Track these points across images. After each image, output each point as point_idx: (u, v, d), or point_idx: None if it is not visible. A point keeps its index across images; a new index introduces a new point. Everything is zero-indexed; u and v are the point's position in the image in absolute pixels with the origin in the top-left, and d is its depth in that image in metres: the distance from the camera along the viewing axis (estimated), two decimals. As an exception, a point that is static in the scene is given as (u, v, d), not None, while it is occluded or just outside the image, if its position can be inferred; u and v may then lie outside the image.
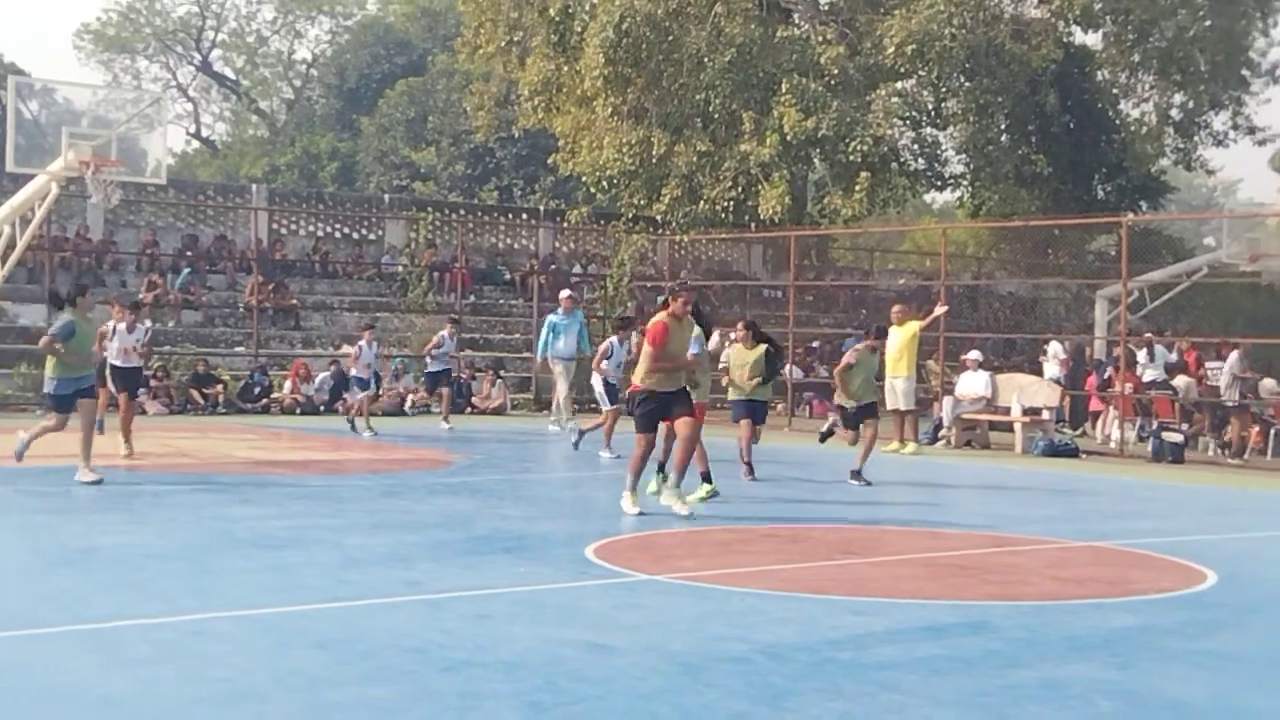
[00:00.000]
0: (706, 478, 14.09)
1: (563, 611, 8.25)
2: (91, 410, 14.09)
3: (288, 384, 26.91)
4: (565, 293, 24.17)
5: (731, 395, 15.84)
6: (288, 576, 9.24)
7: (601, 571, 9.57)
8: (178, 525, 11.45)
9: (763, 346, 15.50)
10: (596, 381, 19.19)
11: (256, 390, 26.52)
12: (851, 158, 31.32)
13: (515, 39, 35.77)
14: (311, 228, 34.37)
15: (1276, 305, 36.22)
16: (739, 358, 15.59)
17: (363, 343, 22.07)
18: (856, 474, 15.60)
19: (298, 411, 26.06)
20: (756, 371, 15.45)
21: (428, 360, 23.81)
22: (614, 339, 19.33)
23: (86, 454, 13.83)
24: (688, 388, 12.66)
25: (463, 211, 37.82)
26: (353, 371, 22.08)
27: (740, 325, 15.94)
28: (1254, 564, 10.98)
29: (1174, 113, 39.87)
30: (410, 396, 27.25)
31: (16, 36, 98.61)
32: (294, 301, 30.93)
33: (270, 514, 12.09)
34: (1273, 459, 21.54)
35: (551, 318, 23.03)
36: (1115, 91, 39.20)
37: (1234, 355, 22.88)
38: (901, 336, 20.86)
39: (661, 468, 13.34)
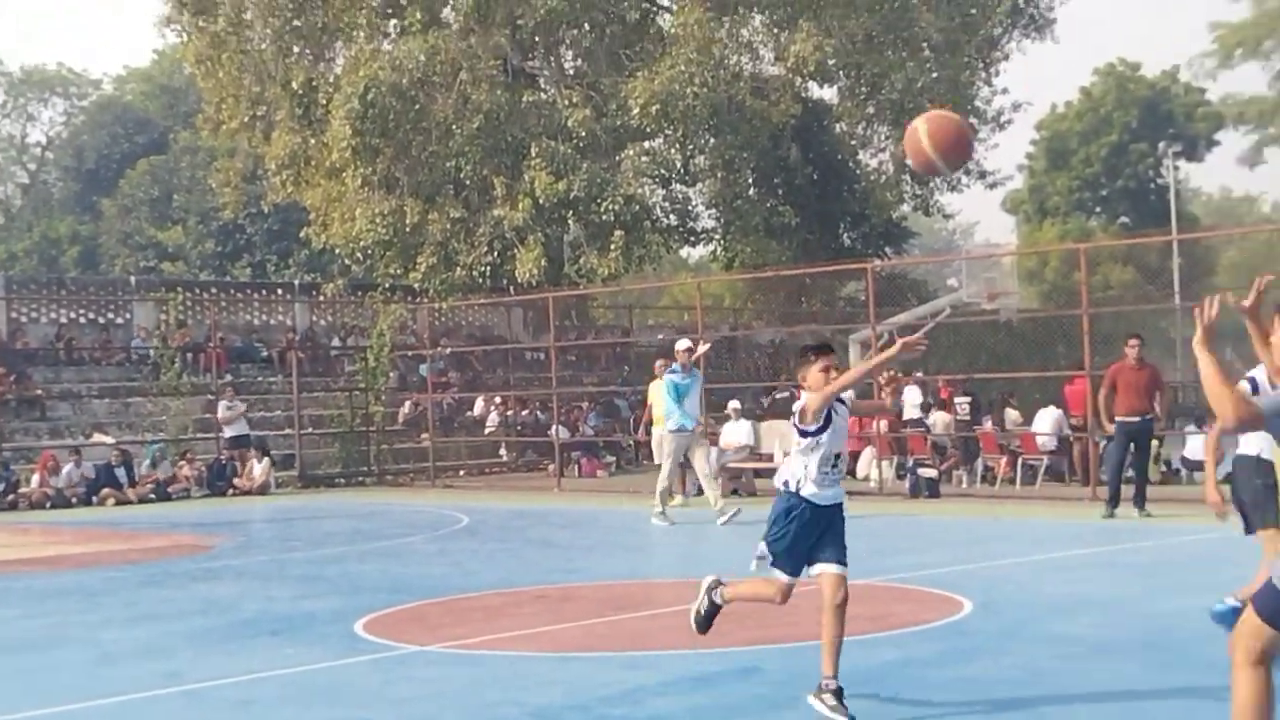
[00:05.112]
0: None
1: (331, 691, 8.09)
2: None
3: (35, 478, 25.79)
4: (683, 344, 18.94)
5: None
6: (39, 679, 8.85)
7: (371, 646, 9.42)
8: (-82, 634, 10.85)
9: None
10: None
11: (1, 486, 25.36)
12: (604, 217, 31.69)
13: (259, 113, 35.23)
14: (54, 314, 33.13)
15: (1015, 341, 37.86)
16: None
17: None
18: None
19: (47, 506, 24.99)
20: None
21: None
22: None
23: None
24: None
25: (214, 290, 36.94)
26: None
27: None
28: (1007, 589, 11.39)
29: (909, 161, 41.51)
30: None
31: None
32: (38, 391, 29.72)
33: (19, 614, 11.56)
34: (1021, 487, 22.42)
35: (671, 377, 18.29)
36: (854, 143, 40.54)
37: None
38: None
39: None
